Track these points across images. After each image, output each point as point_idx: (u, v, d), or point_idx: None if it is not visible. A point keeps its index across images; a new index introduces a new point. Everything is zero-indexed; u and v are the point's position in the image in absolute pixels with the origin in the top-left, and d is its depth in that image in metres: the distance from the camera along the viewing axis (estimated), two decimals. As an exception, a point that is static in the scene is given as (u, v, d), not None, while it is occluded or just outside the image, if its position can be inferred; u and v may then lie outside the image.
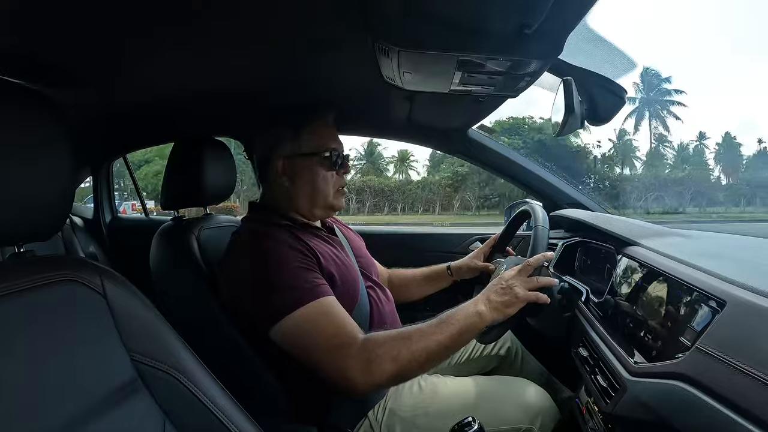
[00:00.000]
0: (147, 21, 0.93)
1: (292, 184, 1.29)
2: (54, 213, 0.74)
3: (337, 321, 1.08)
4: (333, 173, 1.30)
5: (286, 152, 1.27)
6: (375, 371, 1.02)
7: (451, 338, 1.06)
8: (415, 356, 1.03)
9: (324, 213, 1.36)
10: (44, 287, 0.67)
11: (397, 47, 0.93)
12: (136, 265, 1.39)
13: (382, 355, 1.02)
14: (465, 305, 1.11)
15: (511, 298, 1.10)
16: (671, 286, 0.94)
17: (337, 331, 1.06)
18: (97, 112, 1.63)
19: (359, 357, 1.02)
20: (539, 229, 1.24)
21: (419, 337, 1.05)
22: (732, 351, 0.67)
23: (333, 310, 1.09)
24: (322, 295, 1.10)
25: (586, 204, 1.99)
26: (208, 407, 0.76)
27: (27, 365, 0.61)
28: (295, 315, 1.06)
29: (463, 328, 1.07)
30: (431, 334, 1.05)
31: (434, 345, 1.04)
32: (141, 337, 0.74)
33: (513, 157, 2.04)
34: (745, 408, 0.61)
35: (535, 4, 0.79)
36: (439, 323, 1.07)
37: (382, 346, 1.04)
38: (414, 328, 1.07)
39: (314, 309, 1.07)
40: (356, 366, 1.02)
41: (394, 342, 1.04)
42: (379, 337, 1.06)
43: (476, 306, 1.09)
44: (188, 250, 1.31)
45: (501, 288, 1.12)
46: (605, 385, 1.01)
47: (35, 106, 0.70)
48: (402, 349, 1.03)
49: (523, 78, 1.10)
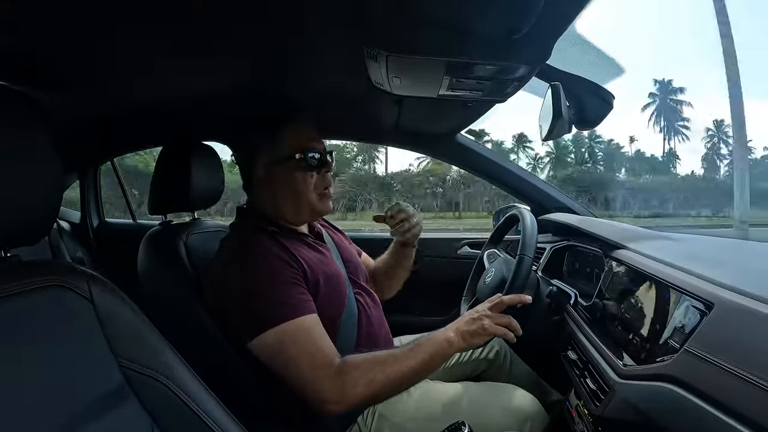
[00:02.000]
0: (134, 24, 0.92)
1: (274, 192, 1.27)
2: (41, 217, 0.72)
3: (317, 341, 1.09)
4: (313, 174, 1.27)
5: (264, 160, 1.25)
6: (349, 394, 1.04)
7: (423, 363, 1.10)
8: (389, 380, 1.07)
9: (310, 217, 1.35)
10: (31, 292, 0.66)
11: (385, 52, 0.94)
12: (124, 269, 1.37)
13: (357, 378, 1.05)
14: (437, 332, 1.15)
15: (478, 329, 1.14)
16: (659, 289, 0.95)
17: (315, 352, 1.07)
18: (85, 115, 1.61)
19: (335, 380, 1.05)
20: (515, 288, 1.24)
21: (393, 361, 1.09)
22: (720, 352, 0.67)
23: (313, 329, 1.10)
24: (305, 313, 1.10)
25: (573, 208, 2.01)
26: (196, 413, 0.75)
27: (13, 371, 0.60)
28: (276, 330, 1.06)
29: (434, 354, 1.11)
30: (404, 359, 1.09)
31: (407, 370, 1.08)
32: (129, 343, 0.73)
33: (501, 162, 2.07)
34: (733, 408, 0.61)
35: (523, 9, 0.80)
36: (412, 349, 1.12)
37: (358, 369, 1.06)
38: (389, 353, 1.12)
39: (295, 327, 1.07)
40: (331, 389, 1.04)
41: (369, 366, 1.07)
42: (355, 360, 1.08)
43: (446, 334, 1.14)
44: (176, 254, 1.30)
45: (471, 319, 1.16)
46: (594, 388, 1.02)
47: (21, 108, 0.69)
48: (377, 373, 1.06)
49: (511, 83, 1.10)
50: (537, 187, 2.05)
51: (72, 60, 1.09)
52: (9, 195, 0.66)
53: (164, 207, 1.48)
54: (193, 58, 1.13)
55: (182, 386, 0.76)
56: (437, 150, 2.15)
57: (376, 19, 0.88)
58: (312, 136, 1.29)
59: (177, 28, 0.96)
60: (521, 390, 1.33)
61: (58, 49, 1.02)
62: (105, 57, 1.09)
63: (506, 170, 2.05)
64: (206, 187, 1.49)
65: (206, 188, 1.49)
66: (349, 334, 1.24)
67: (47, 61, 1.07)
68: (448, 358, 1.16)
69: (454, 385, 1.33)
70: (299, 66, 1.20)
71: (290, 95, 1.46)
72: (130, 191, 2.91)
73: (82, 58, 1.08)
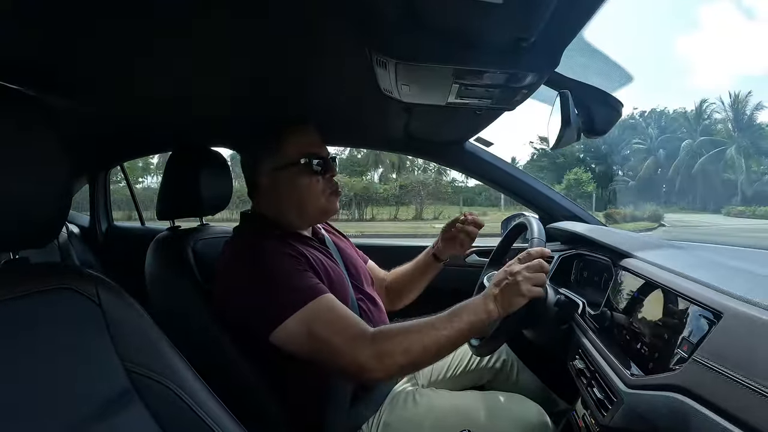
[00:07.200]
0: (145, 30, 0.93)
1: (279, 197, 1.28)
2: (50, 220, 0.73)
3: (344, 315, 1.09)
4: (318, 179, 1.28)
5: (267, 167, 1.27)
6: (387, 363, 1.03)
7: (460, 332, 1.06)
8: (426, 349, 1.05)
9: (317, 219, 1.36)
10: (39, 295, 0.67)
11: (394, 59, 0.94)
12: (132, 273, 1.38)
13: (394, 348, 1.03)
14: (474, 300, 1.11)
15: (517, 294, 1.08)
16: (667, 298, 0.94)
17: (346, 326, 1.07)
18: (95, 119, 1.63)
19: (371, 348, 1.03)
20: (535, 242, 1.24)
21: (429, 330, 1.06)
22: (729, 362, 0.67)
23: (336, 305, 1.10)
24: (323, 293, 1.10)
25: (582, 216, 2.00)
26: (202, 418, 0.75)
27: (19, 372, 0.61)
28: (299, 315, 1.05)
29: (473, 323, 1.08)
30: (441, 329, 1.06)
31: (444, 339, 1.05)
32: (135, 347, 0.74)
33: (510, 170, 2.06)
34: (742, 419, 0.61)
35: (531, 18, 0.80)
36: (449, 318, 1.08)
37: (394, 339, 1.05)
38: (425, 322, 1.08)
39: (317, 306, 1.07)
40: (369, 356, 1.03)
41: (405, 335, 1.06)
42: (391, 330, 1.08)
43: (486, 304, 1.09)
44: (184, 259, 1.31)
45: (507, 285, 1.09)
46: (602, 398, 1.01)
47: (33, 113, 0.70)
48: (413, 342, 1.04)
49: (519, 91, 1.10)
50: (546, 196, 2.04)
51: (83, 66, 1.10)
52: (18, 198, 0.67)
53: (173, 212, 1.49)
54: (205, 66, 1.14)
55: (188, 391, 0.76)
56: (446, 158, 2.14)
57: (384, 27, 0.89)
58: (315, 141, 1.30)
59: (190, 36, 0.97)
60: (527, 399, 1.32)
61: (69, 55, 1.02)
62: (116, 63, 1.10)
63: (515, 178, 2.04)
64: (214, 193, 1.50)
65: (214, 194, 1.50)
66: None
67: (55, 65, 1.08)
68: (486, 326, 1.12)
69: (460, 393, 1.32)
70: (306, 73, 1.20)
71: (298, 102, 1.46)
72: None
73: (93, 65, 1.09)
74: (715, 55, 66.30)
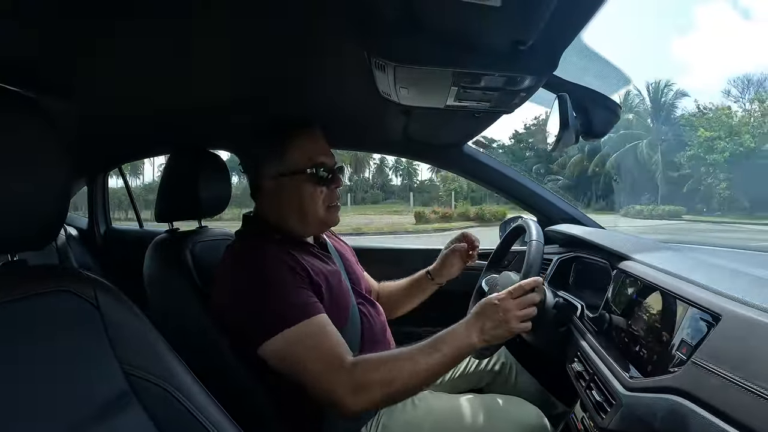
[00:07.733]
0: (146, 30, 0.93)
1: (281, 202, 1.25)
2: (48, 222, 0.73)
3: (328, 342, 1.06)
4: (323, 189, 1.25)
5: (271, 172, 1.24)
6: (363, 398, 1.01)
7: (440, 364, 1.06)
8: (405, 382, 1.03)
9: (317, 229, 1.34)
10: (37, 297, 0.67)
11: (393, 62, 0.94)
12: (130, 276, 1.38)
13: (373, 382, 1.02)
14: (457, 330, 1.10)
15: (504, 332, 1.08)
16: (666, 300, 0.94)
17: (328, 352, 1.05)
18: (94, 121, 1.63)
19: (348, 381, 1.01)
20: (534, 244, 1.23)
21: (410, 361, 1.05)
22: (728, 364, 0.67)
23: (325, 330, 1.08)
24: (315, 314, 1.08)
25: (580, 219, 2.00)
26: (200, 421, 0.75)
27: (17, 374, 0.61)
28: (286, 333, 1.04)
29: (454, 355, 1.07)
30: (423, 359, 1.05)
31: (423, 372, 1.04)
32: (133, 349, 0.73)
33: (508, 173, 2.06)
34: (741, 421, 0.61)
35: (530, 21, 0.80)
36: (431, 348, 1.06)
37: (372, 368, 1.03)
38: (406, 352, 1.07)
39: (306, 328, 1.05)
40: (345, 389, 1.01)
41: (386, 367, 1.04)
42: (371, 362, 1.05)
43: (469, 337, 1.08)
44: (182, 262, 1.31)
45: (497, 321, 1.08)
46: (600, 400, 1.01)
47: (32, 115, 0.70)
48: (395, 374, 1.03)
49: (518, 94, 1.10)
50: (544, 198, 2.04)
51: (82, 68, 1.10)
52: (16, 200, 0.67)
53: (171, 214, 1.49)
54: (204, 68, 1.14)
55: (186, 394, 0.76)
56: (445, 160, 2.15)
57: (383, 29, 0.89)
58: (323, 148, 1.28)
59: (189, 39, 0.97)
60: (526, 402, 1.32)
61: (68, 57, 1.03)
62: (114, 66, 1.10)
63: (513, 181, 2.04)
64: (213, 195, 1.50)
65: (213, 196, 1.50)
66: (352, 343, 1.23)
67: (55, 66, 1.08)
68: (467, 356, 1.12)
69: (459, 397, 1.32)
70: (305, 74, 1.20)
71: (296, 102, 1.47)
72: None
73: (91, 67, 1.09)
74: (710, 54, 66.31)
